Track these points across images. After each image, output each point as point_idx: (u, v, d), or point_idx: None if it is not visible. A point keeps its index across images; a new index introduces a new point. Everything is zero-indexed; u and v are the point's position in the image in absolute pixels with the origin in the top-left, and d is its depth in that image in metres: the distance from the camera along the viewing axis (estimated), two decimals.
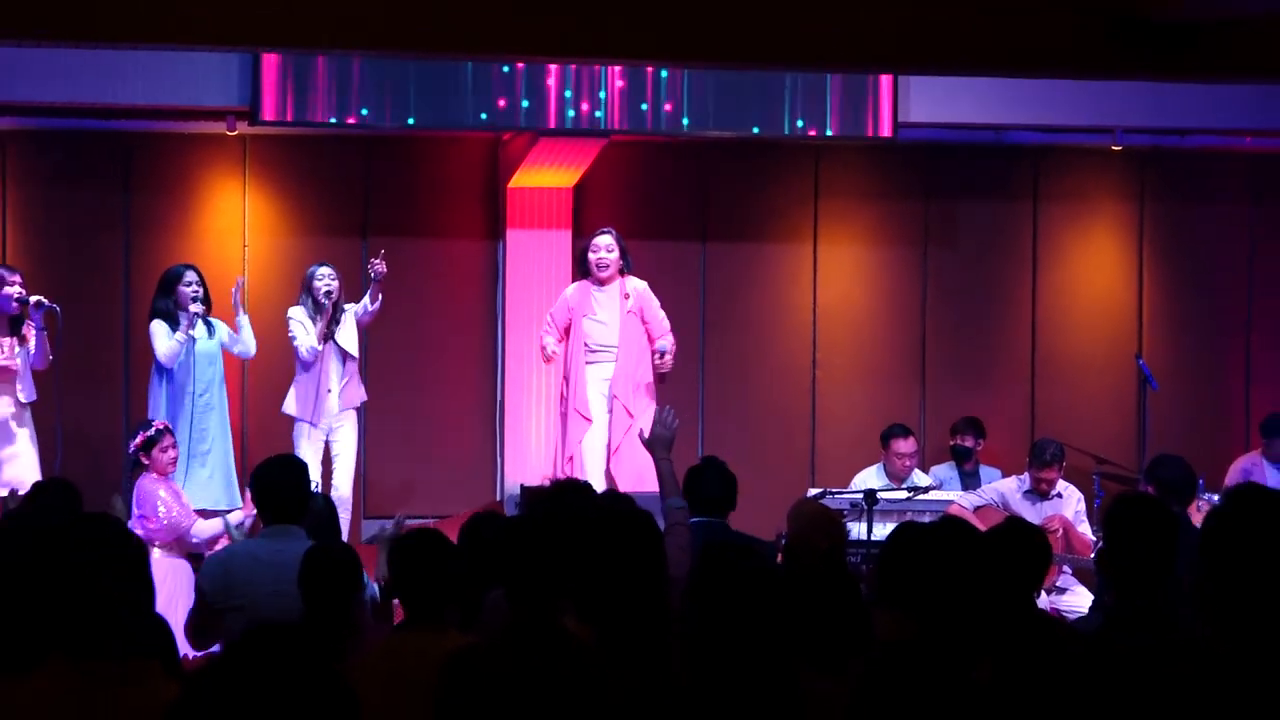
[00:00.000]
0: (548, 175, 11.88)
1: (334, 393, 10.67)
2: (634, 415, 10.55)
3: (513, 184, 11.97)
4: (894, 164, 12.71)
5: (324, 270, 10.67)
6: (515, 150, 11.88)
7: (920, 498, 10.36)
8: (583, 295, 10.80)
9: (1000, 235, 12.98)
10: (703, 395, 12.49)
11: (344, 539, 7.65)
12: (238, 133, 11.57)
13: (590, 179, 12.05)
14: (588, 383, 10.71)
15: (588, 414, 10.69)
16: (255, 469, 6.60)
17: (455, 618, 5.29)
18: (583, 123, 11.34)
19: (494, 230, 12.26)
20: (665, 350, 10.74)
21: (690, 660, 4.01)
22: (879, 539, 8.95)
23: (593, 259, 10.78)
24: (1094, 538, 10.20)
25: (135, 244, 11.75)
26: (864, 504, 9.60)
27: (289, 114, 11.05)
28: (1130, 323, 13.12)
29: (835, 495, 9.96)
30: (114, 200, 11.76)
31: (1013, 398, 12.93)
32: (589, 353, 10.74)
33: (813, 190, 12.73)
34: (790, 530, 7.10)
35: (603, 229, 10.91)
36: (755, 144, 12.21)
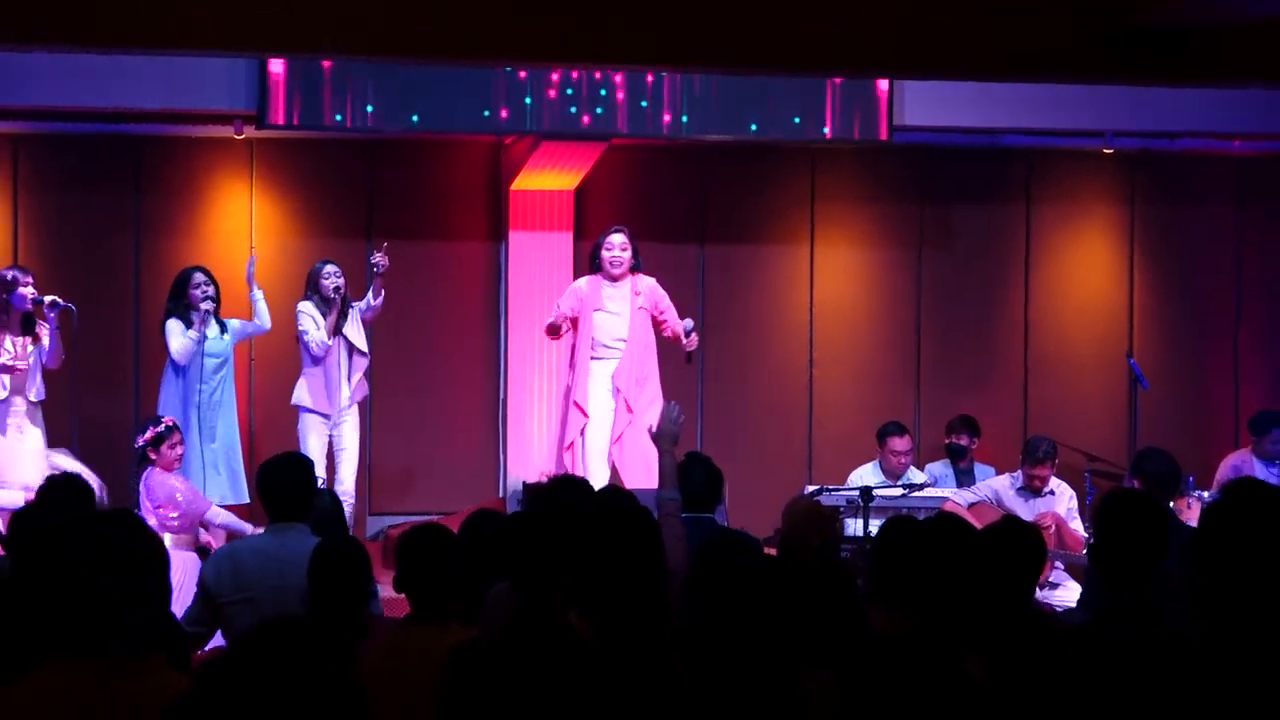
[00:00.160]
0: (549, 178, 11.94)
1: (347, 383, 10.72)
2: (633, 410, 10.60)
3: (515, 186, 12.03)
4: (889, 167, 12.73)
5: (329, 268, 10.70)
6: (517, 153, 11.94)
7: (915, 495, 10.29)
8: (594, 289, 10.79)
9: (994, 237, 13.00)
10: (702, 394, 12.49)
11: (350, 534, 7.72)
12: (245, 136, 11.65)
13: (591, 182, 12.10)
14: (591, 378, 10.74)
15: (586, 409, 10.70)
16: (260, 467, 6.63)
17: (459, 611, 5.28)
18: (584, 126, 11.42)
19: (496, 232, 12.31)
20: (690, 329, 10.78)
21: (690, 655, 4.01)
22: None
23: (606, 256, 10.78)
24: (1086, 534, 10.19)
25: (145, 246, 11.80)
26: (860, 501, 9.62)
27: (295, 118, 11.08)
28: (1121, 323, 13.15)
29: (831, 492, 9.95)
30: (125, 203, 11.81)
31: (1006, 396, 12.94)
32: (596, 348, 10.76)
33: (809, 193, 12.77)
34: (784, 527, 7.17)
35: (615, 227, 10.89)
36: (753, 148, 12.25)
